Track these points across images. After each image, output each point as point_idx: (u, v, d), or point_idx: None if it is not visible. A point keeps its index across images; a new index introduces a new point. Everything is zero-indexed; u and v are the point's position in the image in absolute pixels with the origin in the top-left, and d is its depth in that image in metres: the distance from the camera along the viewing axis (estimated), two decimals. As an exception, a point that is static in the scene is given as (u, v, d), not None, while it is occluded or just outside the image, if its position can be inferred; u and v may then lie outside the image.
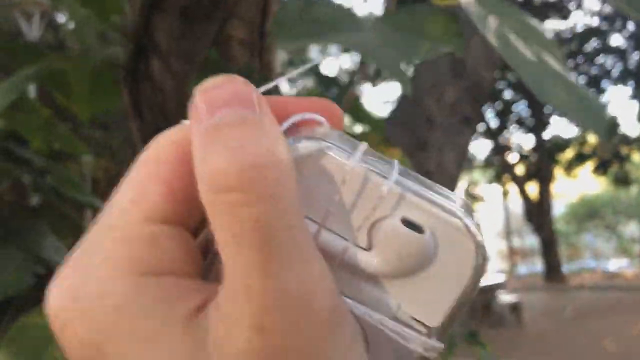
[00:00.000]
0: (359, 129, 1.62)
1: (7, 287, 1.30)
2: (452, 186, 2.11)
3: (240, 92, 0.19)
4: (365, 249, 0.21)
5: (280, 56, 1.26)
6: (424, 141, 2.02)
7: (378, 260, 0.20)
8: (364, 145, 0.21)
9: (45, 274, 1.50)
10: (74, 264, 0.20)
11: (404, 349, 0.20)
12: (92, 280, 0.18)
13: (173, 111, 1.27)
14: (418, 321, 0.20)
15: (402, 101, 2.23)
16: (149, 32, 1.28)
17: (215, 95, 0.18)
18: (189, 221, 0.20)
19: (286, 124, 0.21)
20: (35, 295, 1.51)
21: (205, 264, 0.21)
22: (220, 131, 0.17)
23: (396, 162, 0.22)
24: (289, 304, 0.17)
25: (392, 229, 0.20)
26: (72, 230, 1.85)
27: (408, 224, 0.20)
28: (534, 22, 0.57)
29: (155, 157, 0.20)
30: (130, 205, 0.19)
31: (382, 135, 1.45)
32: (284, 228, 0.17)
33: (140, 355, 0.18)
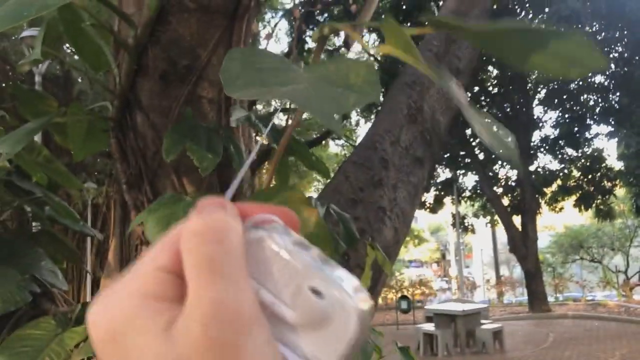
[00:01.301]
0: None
1: (7, 302, 1.46)
2: (405, 220, 2.32)
3: (219, 202, 0.30)
4: (287, 305, 0.28)
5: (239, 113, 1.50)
6: (379, 179, 2.25)
7: (295, 314, 0.28)
8: (298, 237, 0.30)
9: (40, 292, 1.70)
10: (111, 288, 0.29)
11: None
12: (116, 297, 0.28)
13: (152, 156, 1.51)
14: None
15: (362, 143, 2.46)
16: (133, 91, 1.53)
17: (207, 202, 0.30)
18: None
19: (251, 220, 0.30)
20: (31, 310, 1.74)
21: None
22: (200, 213, 0.29)
23: (315, 249, 0.30)
24: (224, 309, 0.25)
25: (304, 294, 0.28)
26: (66, 255, 2.05)
27: (315, 292, 0.28)
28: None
29: (167, 240, 0.30)
30: (149, 260, 0.29)
31: (327, 177, 1.67)
32: (226, 263, 0.27)
33: (137, 343, 0.26)
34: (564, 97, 16.50)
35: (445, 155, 17.56)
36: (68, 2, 0.73)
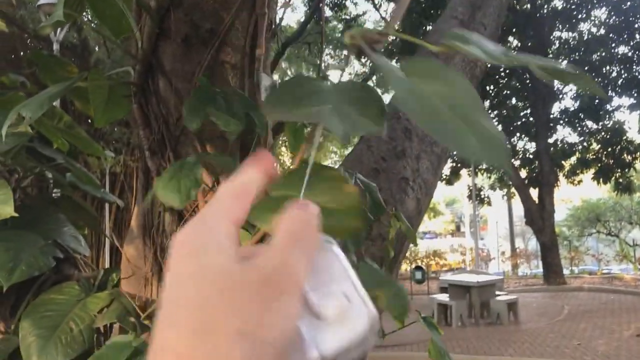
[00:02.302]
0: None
1: (31, 267, 1.46)
2: (427, 191, 2.29)
3: (313, 213, 0.36)
4: (320, 301, 0.34)
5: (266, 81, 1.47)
6: (402, 150, 2.22)
7: (325, 310, 0.34)
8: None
9: (63, 258, 1.71)
10: (198, 220, 0.36)
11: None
12: (206, 226, 0.35)
13: (174, 122, 1.49)
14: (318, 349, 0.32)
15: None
16: (156, 56, 1.51)
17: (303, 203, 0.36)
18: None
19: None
20: (54, 276, 1.75)
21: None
22: (301, 209, 0.36)
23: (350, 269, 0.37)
24: (292, 271, 0.32)
25: (338, 296, 0.35)
26: (86, 221, 2.06)
27: (345, 295, 0.35)
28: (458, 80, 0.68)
29: (233, 192, 0.37)
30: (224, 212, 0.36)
31: (348, 142, 1.65)
32: (307, 248, 0.34)
33: (214, 261, 0.32)
34: (586, 68, 16.17)
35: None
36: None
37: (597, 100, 16.25)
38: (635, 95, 15.65)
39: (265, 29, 1.55)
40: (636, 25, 14.83)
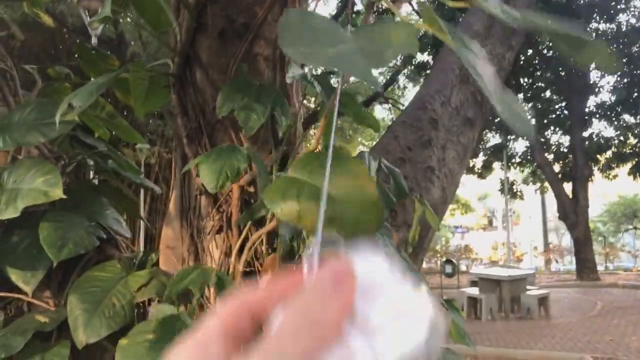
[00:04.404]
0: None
1: (78, 245, 1.57)
2: (453, 180, 2.34)
3: (344, 272, 0.34)
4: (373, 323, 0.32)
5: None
6: (428, 139, 2.27)
7: (377, 317, 0.32)
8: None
9: (106, 239, 1.82)
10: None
11: None
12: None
13: (210, 111, 1.58)
14: None
15: (411, 104, 2.48)
16: (193, 48, 1.60)
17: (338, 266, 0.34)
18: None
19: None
20: (97, 255, 1.86)
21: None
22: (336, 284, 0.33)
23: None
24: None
25: (387, 310, 0.32)
26: (126, 207, 2.18)
27: (395, 307, 0.32)
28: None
29: (225, 309, 0.35)
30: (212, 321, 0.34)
31: (377, 130, 1.70)
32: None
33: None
34: (624, 60, 15.79)
35: (495, 120, 17.20)
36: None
37: (635, 94, 15.87)
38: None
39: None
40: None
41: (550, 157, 17.67)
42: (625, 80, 16.16)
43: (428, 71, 13.43)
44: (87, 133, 2.00)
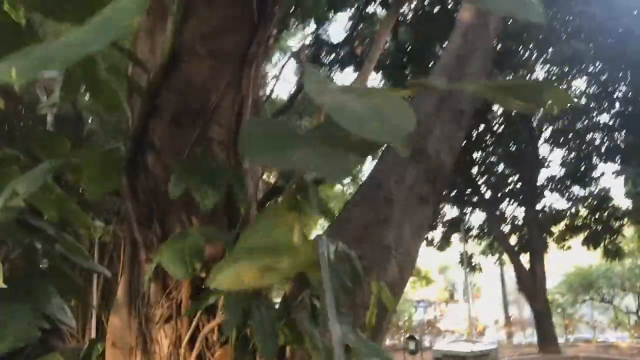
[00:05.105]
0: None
1: (18, 338, 1.49)
2: (410, 258, 2.34)
3: None
4: None
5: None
6: (384, 218, 2.28)
7: None
8: None
9: (50, 329, 1.73)
10: None
11: None
12: None
13: (162, 195, 1.56)
14: None
15: (367, 182, 2.51)
16: (145, 133, 1.59)
17: None
18: None
19: None
20: (40, 346, 1.76)
21: None
22: None
23: None
24: None
25: None
26: (74, 293, 2.09)
27: None
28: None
29: None
30: None
31: (332, 218, 1.72)
32: None
33: None
34: (570, 136, 16.56)
35: (452, 194, 17.56)
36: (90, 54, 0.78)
37: (583, 167, 16.56)
38: (619, 161, 15.98)
39: (250, 108, 1.65)
40: (615, 95, 15.33)
41: (507, 229, 18.02)
42: (573, 154, 16.90)
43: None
44: (36, 215, 1.94)
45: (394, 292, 2.11)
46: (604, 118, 16.26)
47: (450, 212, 19.41)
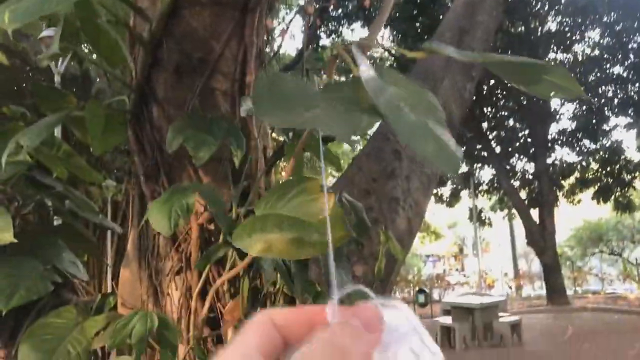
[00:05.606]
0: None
1: (30, 292, 1.50)
2: (418, 210, 2.34)
3: (374, 316, 0.36)
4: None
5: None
6: (392, 170, 2.27)
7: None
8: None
9: (62, 283, 1.75)
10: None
11: None
12: None
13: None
14: None
15: (374, 135, 2.49)
16: (149, 84, 1.57)
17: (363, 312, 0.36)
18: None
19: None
20: (53, 300, 1.79)
21: None
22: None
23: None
24: None
25: (405, 356, 0.36)
26: (86, 249, 2.10)
27: (413, 352, 0.36)
28: (421, 90, 0.74)
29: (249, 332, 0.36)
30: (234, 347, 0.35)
31: (340, 169, 1.71)
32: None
33: None
34: (582, 89, 16.26)
35: (462, 149, 17.42)
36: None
37: (594, 120, 16.35)
38: (632, 114, 15.75)
39: (254, 57, 1.62)
40: (629, 46, 14.99)
41: (517, 184, 17.96)
42: (584, 107, 16.65)
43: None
44: (45, 173, 1.94)
45: (403, 243, 2.11)
46: (617, 70, 15.96)
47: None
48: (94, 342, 1.49)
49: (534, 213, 16.81)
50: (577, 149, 17.26)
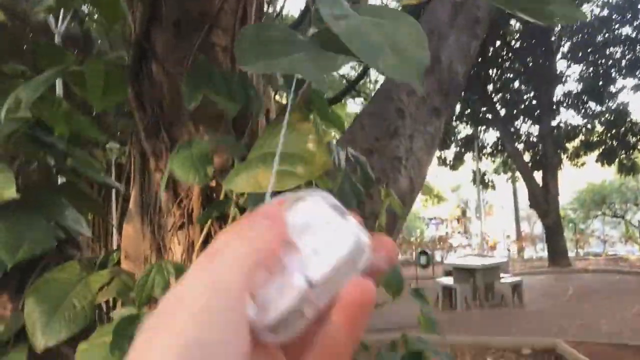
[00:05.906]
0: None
1: (34, 247, 1.51)
2: (421, 170, 2.33)
3: (274, 210, 0.36)
4: (306, 239, 0.35)
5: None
6: (395, 129, 2.25)
7: (311, 245, 0.34)
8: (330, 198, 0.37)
9: (65, 239, 1.76)
10: None
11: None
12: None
13: (168, 104, 1.54)
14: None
15: (378, 94, 2.46)
16: (148, 40, 1.55)
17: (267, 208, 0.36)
18: None
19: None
20: (57, 256, 1.81)
21: None
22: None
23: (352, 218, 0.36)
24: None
25: (321, 229, 0.35)
26: (90, 207, 2.12)
27: (328, 223, 0.35)
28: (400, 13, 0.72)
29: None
30: None
31: (342, 130, 1.70)
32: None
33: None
34: (589, 50, 16.05)
35: (466, 112, 17.34)
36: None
37: (600, 82, 16.17)
38: (639, 75, 15.57)
39: (254, 11, 1.59)
40: (639, 6, 14.71)
41: (521, 146, 17.91)
42: (591, 69, 16.46)
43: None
44: (47, 131, 1.94)
45: (404, 202, 2.11)
46: (626, 30, 15.70)
47: (464, 130, 19.26)
48: (99, 296, 1.52)
49: (538, 176, 16.80)
50: (583, 111, 17.14)
